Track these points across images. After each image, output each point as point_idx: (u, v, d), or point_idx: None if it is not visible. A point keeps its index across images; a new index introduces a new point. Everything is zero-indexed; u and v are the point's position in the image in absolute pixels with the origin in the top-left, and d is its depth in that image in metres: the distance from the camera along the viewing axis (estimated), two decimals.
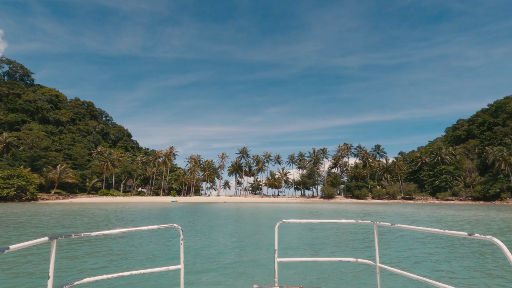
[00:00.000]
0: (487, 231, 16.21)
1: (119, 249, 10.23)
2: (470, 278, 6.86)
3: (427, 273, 7.30)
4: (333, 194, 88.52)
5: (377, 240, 3.01)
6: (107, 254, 9.49)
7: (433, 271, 7.45)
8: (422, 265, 8.11)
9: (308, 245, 11.17)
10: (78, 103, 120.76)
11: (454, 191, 79.81)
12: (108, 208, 37.05)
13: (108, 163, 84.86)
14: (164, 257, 9.07)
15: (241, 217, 25.86)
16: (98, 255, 9.35)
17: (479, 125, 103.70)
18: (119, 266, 7.90)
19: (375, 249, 2.98)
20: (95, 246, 10.85)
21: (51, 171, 72.12)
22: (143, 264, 8.22)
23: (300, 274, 7.06)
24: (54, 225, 18.16)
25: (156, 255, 9.35)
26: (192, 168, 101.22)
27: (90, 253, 9.53)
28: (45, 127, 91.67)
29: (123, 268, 7.76)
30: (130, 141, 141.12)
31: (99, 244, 11.25)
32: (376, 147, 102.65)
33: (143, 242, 11.69)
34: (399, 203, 74.69)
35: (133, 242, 11.68)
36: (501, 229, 17.04)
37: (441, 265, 8.08)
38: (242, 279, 6.78)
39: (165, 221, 21.64)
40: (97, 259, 8.71)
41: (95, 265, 8.01)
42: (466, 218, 24.83)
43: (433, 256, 9.26)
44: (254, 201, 77.91)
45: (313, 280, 6.60)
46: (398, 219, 24.48)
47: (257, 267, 7.91)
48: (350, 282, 6.48)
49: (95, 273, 7.26)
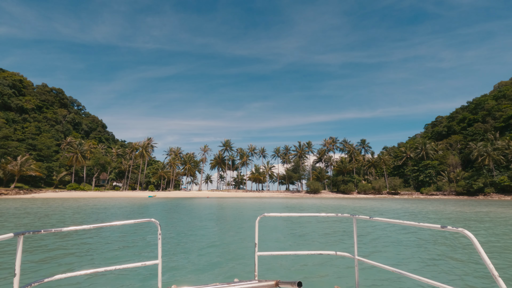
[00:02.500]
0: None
1: (92, 245, 9.62)
2: (443, 269, 7.05)
3: (404, 265, 7.43)
4: (318, 189, 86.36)
5: (356, 233, 3.09)
6: (80, 250, 8.94)
7: (409, 263, 7.62)
8: (399, 257, 8.24)
9: (288, 239, 11.14)
10: (46, 89, 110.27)
11: (438, 186, 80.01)
12: (70, 205, 31.71)
13: (78, 154, 77.46)
14: (141, 253, 8.67)
15: (224, 212, 24.60)
16: (70, 251, 8.78)
17: (459, 121, 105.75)
18: (93, 262, 7.49)
19: (354, 242, 3.09)
20: (66, 242, 10.10)
21: (10, 163, 64.22)
22: (118, 260, 7.79)
23: (280, 267, 7.06)
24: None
25: (133, 251, 8.88)
26: (172, 161, 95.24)
27: (61, 250, 8.93)
28: (6, 114, 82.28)
29: (98, 264, 7.35)
30: (105, 132, 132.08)
31: (70, 240, 10.52)
32: (362, 142, 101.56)
33: (118, 238, 11.02)
34: (385, 198, 73.72)
35: (108, 238, 10.97)
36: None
37: (417, 258, 8.22)
38: (222, 273, 6.64)
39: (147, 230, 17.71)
40: (68, 256, 8.17)
41: (66, 262, 7.48)
42: (474, 215, 22.34)
43: (409, 249, 9.41)
44: (238, 196, 74.17)
45: (293, 273, 6.62)
46: (397, 216, 22.12)
47: (238, 261, 7.75)
48: (328, 274, 6.52)
49: (67, 270, 6.75)
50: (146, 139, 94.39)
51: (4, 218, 17.58)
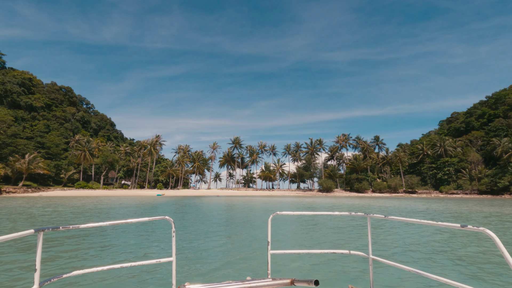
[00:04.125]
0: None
1: (108, 242, 9.60)
2: (461, 269, 6.75)
3: (420, 264, 7.13)
4: (331, 187, 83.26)
5: (370, 232, 3.06)
6: (96, 247, 8.93)
7: (426, 263, 7.28)
8: (415, 257, 7.86)
9: (301, 238, 10.93)
10: (55, 88, 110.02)
11: (458, 184, 75.97)
12: (74, 204, 29.91)
13: (86, 152, 76.39)
14: (156, 250, 8.62)
15: (236, 211, 23.81)
16: (87, 248, 8.78)
17: (478, 117, 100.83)
18: (109, 259, 7.48)
19: (368, 241, 3.05)
20: (84, 239, 10.14)
21: (18, 161, 63.41)
22: (134, 257, 7.76)
23: (293, 266, 6.93)
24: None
25: (147, 248, 8.85)
26: (181, 159, 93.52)
27: (78, 246, 8.97)
28: (15, 112, 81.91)
29: (114, 260, 7.40)
30: (114, 130, 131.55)
31: (87, 237, 10.55)
32: (375, 139, 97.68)
33: (134, 235, 11.08)
34: (402, 196, 70.27)
35: (123, 235, 11.04)
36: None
37: (434, 257, 7.84)
38: (235, 271, 6.53)
39: (161, 228, 16.41)
40: (85, 252, 8.21)
41: (84, 258, 7.52)
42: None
43: (426, 248, 8.97)
44: (248, 195, 71.85)
45: (306, 272, 6.57)
46: (423, 216, 19.99)
47: (251, 259, 7.60)
48: (343, 273, 6.38)
49: (84, 266, 6.80)
50: (155, 136, 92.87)
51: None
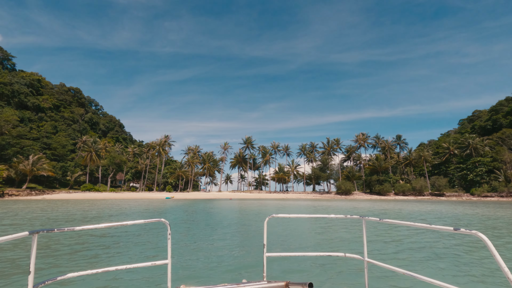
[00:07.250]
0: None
1: (104, 244, 9.50)
2: (457, 272, 6.73)
3: (416, 268, 7.11)
4: (350, 189, 77.73)
5: (366, 235, 3.04)
6: (92, 249, 8.81)
7: (421, 266, 7.25)
8: (411, 260, 7.82)
9: (298, 240, 10.70)
10: (64, 89, 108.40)
11: (492, 186, 69.28)
12: (71, 210, 25.93)
13: (92, 153, 73.33)
14: (152, 252, 8.46)
15: (248, 216, 21.14)
16: (82, 250, 8.67)
17: (506, 114, 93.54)
18: (104, 261, 7.39)
19: (364, 244, 3.04)
20: (78, 241, 9.99)
21: (22, 162, 60.63)
22: (129, 259, 7.65)
23: (289, 269, 6.85)
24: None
25: (144, 251, 8.67)
26: (190, 160, 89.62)
27: (73, 248, 8.84)
28: (22, 113, 79.83)
29: (109, 263, 7.29)
30: (122, 132, 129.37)
31: (82, 239, 10.37)
32: (397, 137, 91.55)
33: (129, 238, 10.80)
34: (429, 200, 64.22)
35: (119, 238, 10.75)
36: None
37: (430, 260, 7.81)
38: (231, 273, 6.46)
39: (158, 231, 14.48)
40: (80, 255, 8.08)
41: (78, 261, 7.43)
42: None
43: (422, 251, 8.90)
44: (262, 198, 67.19)
45: (302, 275, 6.46)
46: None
47: (247, 261, 7.49)
48: (338, 276, 6.30)
49: (79, 268, 6.64)
50: (163, 137, 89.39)
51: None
